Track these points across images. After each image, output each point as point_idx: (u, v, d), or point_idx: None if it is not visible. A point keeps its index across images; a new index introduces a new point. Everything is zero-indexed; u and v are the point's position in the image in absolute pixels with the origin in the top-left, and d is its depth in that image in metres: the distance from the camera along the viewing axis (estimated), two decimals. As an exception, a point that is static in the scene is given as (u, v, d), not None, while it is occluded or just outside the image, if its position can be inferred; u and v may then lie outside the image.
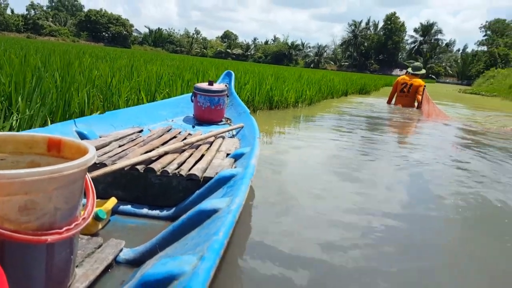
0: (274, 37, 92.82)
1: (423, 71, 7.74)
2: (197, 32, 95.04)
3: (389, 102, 7.80)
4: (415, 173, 2.68)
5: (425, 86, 7.24)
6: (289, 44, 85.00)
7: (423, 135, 4.77)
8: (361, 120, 5.36)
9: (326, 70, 62.15)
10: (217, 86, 2.98)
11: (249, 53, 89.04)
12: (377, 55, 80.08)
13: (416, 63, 7.92)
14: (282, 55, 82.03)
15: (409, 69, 7.67)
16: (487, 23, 71.41)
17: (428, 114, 6.35)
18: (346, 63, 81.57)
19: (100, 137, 2.07)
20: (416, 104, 7.45)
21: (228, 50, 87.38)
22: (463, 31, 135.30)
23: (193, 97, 2.94)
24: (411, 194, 2.22)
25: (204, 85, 2.91)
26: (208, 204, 1.24)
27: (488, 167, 2.99)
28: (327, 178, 2.37)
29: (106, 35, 72.76)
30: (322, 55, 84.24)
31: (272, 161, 2.58)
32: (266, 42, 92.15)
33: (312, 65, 78.93)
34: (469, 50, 77.80)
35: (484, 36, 70.89)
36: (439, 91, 20.45)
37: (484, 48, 67.76)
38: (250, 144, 2.07)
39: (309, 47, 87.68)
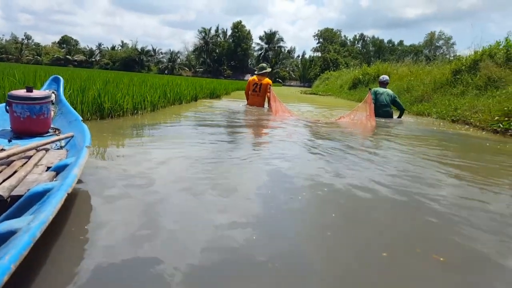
0: (122, 42, 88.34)
1: (269, 69, 8.36)
2: (28, 37, 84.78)
3: (247, 100, 8.43)
4: (272, 170, 2.74)
5: (271, 85, 8.02)
6: (139, 49, 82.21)
7: (274, 131, 5.04)
8: (212, 124, 5.26)
9: (182, 76, 62.12)
10: (38, 92, 2.62)
11: (94, 60, 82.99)
12: (229, 61, 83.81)
13: (261, 64, 8.56)
14: (133, 61, 78.84)
15: (256, 71, 8.42)
16: (319, 32, 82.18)
17: (276, 112, 7.06)
18: (201, 69, 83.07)
19: None
20: (266, 103, 8.21)
21: (68, 56, 79.80)
22: (301, 38, 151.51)
23: (7, 107, 2.52)
24: (271, 194, 2.19)
25: (21, 92, 2.52)
26: (4, 226, 1.06)
27: (326, 154, 3.41)
28: (175, 191, 2.16)
29: None
30: (176, 61, 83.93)
31: (109, 175, 2.31)
32: (113, 48, 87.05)
33: (166, 72, 77.91)
34: (307, 56, 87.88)
35: (318, 43, 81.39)
36: (285, 93, 22.31)
37: (319, 54, 77.61)
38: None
39: (162, 53, 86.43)
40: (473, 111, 7.16)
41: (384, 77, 8.45)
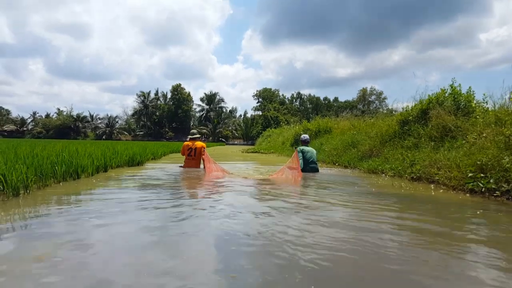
0: (58, 109, 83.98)
1: (198, 135, 9.16)
2: (-47, 111, 78.39)
3: (184, 166, 8.80)
4: (221, 227, 2.85)
5: (205, 147, 8.55)
6: (75, 116, 78.69)
7: (214, 190, 4.98)
8: (130, 198, 4.03)
9: (120, 140, 59.33)
10: None
11: (25, 129, 78.02)
12: (170, 123, 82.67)
13: (192, 131, 9.34)
14: (68, 128, 75.04)
15: (189, 137, 9.08)
16: (258, 92, 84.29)
17: (209, 171, 7.50)
18: (141, 133, 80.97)
19: None
20: (202, 164, 8.71)
21: (-4, 127, 74.17)
22: (241, 99, 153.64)
23: None
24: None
25: None
26: None
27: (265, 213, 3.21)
28: None
29: None
30: (114, 126, 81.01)
31: None
32: (48, 116, 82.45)
33: (104, 137, 75.49)
34: (248, 115, 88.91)
35: (258, 102, 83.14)
36: (227, 153, 21.17)
37: (260, 112, 78.97)
38: None
39: (99, 118, 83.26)
40: (436, 166, 6.05)
41: (305, 136, 9.22)
